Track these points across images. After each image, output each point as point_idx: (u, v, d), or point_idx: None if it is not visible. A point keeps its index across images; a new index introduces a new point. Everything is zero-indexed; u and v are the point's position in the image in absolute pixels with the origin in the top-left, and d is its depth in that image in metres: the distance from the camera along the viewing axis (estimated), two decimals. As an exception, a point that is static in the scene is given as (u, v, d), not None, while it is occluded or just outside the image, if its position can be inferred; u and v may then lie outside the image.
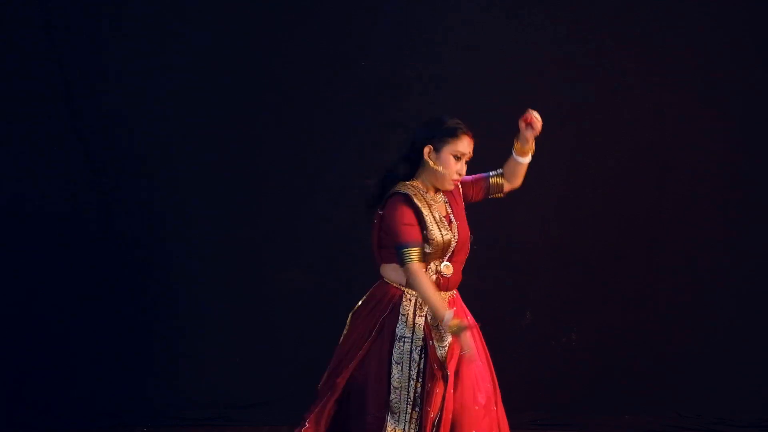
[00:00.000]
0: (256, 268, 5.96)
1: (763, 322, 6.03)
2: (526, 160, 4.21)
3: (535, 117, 4.07)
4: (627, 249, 6.03)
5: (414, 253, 3.94)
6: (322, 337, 5.28)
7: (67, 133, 5.83)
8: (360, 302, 4.12)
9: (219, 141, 5.93)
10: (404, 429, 3.95)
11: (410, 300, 4.02)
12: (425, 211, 4.00)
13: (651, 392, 6.00)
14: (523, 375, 5.89)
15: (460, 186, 4.19)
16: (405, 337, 3.98)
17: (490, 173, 4.25)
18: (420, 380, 3.95)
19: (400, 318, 4.00)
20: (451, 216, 4.09)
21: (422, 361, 3.97)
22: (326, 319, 5.76)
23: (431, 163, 4.03)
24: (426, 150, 4.04)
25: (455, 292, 4.16)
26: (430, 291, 3.93)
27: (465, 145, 4.04)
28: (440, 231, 3.99)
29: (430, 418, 3.92)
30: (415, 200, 4.01)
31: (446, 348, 3.96)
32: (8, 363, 5.81)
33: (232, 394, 5.93)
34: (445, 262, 4.05)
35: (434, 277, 4.02)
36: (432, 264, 4.03)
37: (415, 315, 4.00)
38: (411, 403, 3.95)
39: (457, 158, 4.03)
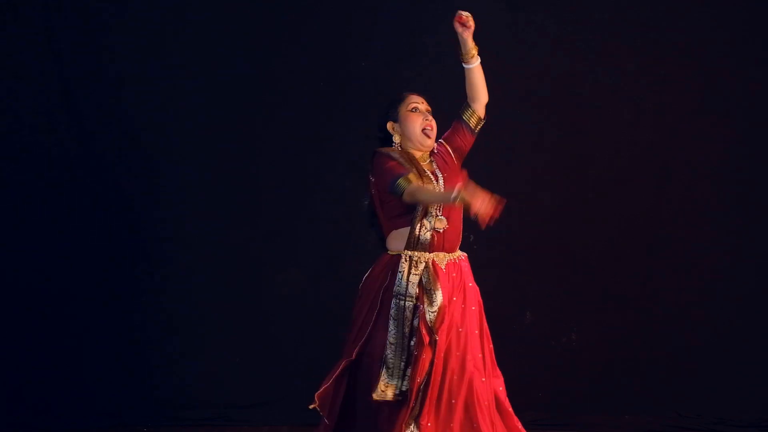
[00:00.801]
0: (256, 268, 5.96)
1: (763, 322, 6.03)
2: (474, 64, 4.23)
3: (465, 14, 4.15)
4: (627, 249, 6.02)
5: (404, 180, 4.02)
6: (322, 337, 5.29)
7: (66, 133, 5.84)
8: (366, 275, 4.22)
9: (219, 141, 5.93)
10: (397, 385, 4.00)
11: (406, 261, 4.08)
12: (405, 160, 4.13)
13: (651, 392, 6.00)
14: (523, 375, 5.85)
15: (447, 145, 4.27)
16: (400, 294, 4.05)
17: (459, 111, 4.29)
18: (413, 339, 4.01)
19: (396, 276, 4.07)
20: (437, 171, 4.18)
21: (415, 320, 4.03)
22: (326, 319, 5.78)
23: (398, 134, 4.21)
24: (389, 126, 4.24)
25: (459, 256, 4.19)
26: (431, 192, 4.05)
27: (415, 99, 4.26)
28: (423, 180, 4.08)
29: (416, 383, 3.95)
30: (395, 154, 4.16)
31: (435, 313, 4.00)
32: (8, 363, 5.81)
33: (232, 394, 5.92)
34: (439, 216, 4.11)
35: (428, 234, 4.09)
36: (425, 221, 4.09)
37: (409, 273, 4.06)
38: (405, 360, 4.01)
39: (414, 110, 4.21)
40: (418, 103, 4.25)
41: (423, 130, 4.20)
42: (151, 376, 5.92)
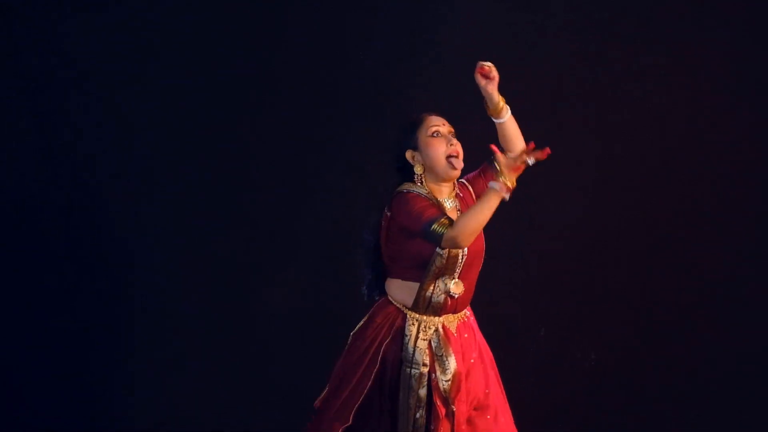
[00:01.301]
0: (256, 268, 5.93)
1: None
2: (506, 117, 3.83)
3: (488, 65, 3.75)
4: (653, 259, 5.81)
5: (441, 226, 3.57)
6: (322, 337, 5.29)
7: (65, 134, 5.84)
8: (362, 322, 3.85)
9: (219, 141, 5.92)
10: None
11: (414, 324, 3.70)
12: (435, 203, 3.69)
13: (679, 417, 5.77)
14: (537, 400, 5.64)
15: (470, 189, 3.90)
16: (407, 361, 3.67)
17: (491, 158, 3.84)
18: (420, 410, 3.66)
19: (403, 340, 3.69)
20: None
21: (422, 390, 3.68)
22: (326, 319, 5.78)
23: (419, 164, 3.78)
24: (408, 155, 3.80)
25: (465, 313, 3.85)
26: (473, 219, 3.55)
27: (435, 121, 3.81)
28: None
29: None
30: (423, 191, 3.75)
31: (449, 381, 3.67)
32: (7, 363, 5.82)
33: (231, 395, 5.91)
34: (455, 280, 3.73)
35: (442, 297, 3.69)
36: (439, 282, 3.69)
37: (417, 338, 3.69)
38: None
39: (436, 135, 3.78)
40: (439, 125, 3.80)
41: (448, 158, 3.76)
42: (151, 378, 5.92)
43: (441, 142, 3.77)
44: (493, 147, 3.68)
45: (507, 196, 3.58)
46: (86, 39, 5.82)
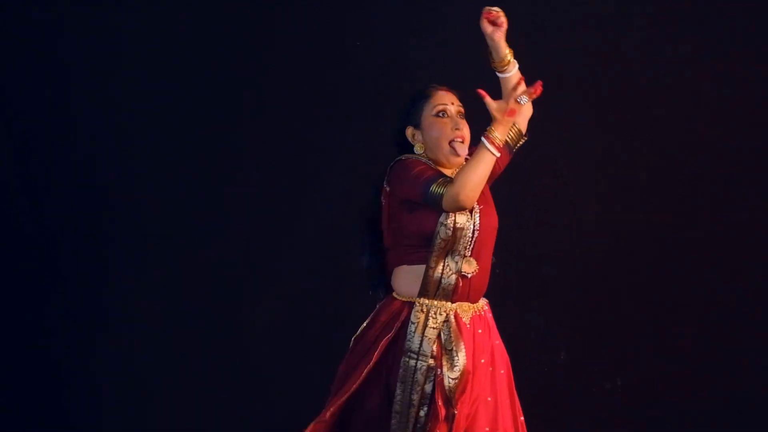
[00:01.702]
0: (257, 268, 5.94)
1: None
2: (512, 72, 3.49)
3: (495, 10, 3.39)
4: (686, 270, 5.65)
5: (440, 185, 3.27)
6: (322, 338, 5.29)
7: (58, 133, 5.84)
8: (364, 324, 3.50)
9: (219, 141, 5.92)
10: None
11: (422, 311, 3.36)
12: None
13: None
14: (557, 430, 5.45)
15: None
16: (411, 352, 3.32)
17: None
18: (423, 408, 3.31)
19: (409, 327, 3.33)
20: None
21: (428, 385, 3.32)
22: (326, 319, 5.78)
23: (420, 143, 3.50)
24: (408, 133, 3.53)
25: (483, 306, 3.52)
26: (471, 168, 3.24)
27: (442, 98, 3.52)
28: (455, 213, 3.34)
29: None
30: (424, 159, 3.47)
31: (456, 379, 3.31)
32: (7, 363, 5.83)
33: (230, 396, 5.91)
34: (467, 258, 3.40)
35: (453, 277, 3.35)
36: (449, 260, 3.36)
37: (425, 326, 3.34)
38: None
39: (442, 114, 3.49)
40: (447, 104, 3.50)
41: (451, 142, 3.47)
42: (151, 378, 5.92)
43: (446, 123, 3.50)
44: (481, 91, 3.34)
45: (497, 152, 3.30)
46: (86, 39, 5.82)
